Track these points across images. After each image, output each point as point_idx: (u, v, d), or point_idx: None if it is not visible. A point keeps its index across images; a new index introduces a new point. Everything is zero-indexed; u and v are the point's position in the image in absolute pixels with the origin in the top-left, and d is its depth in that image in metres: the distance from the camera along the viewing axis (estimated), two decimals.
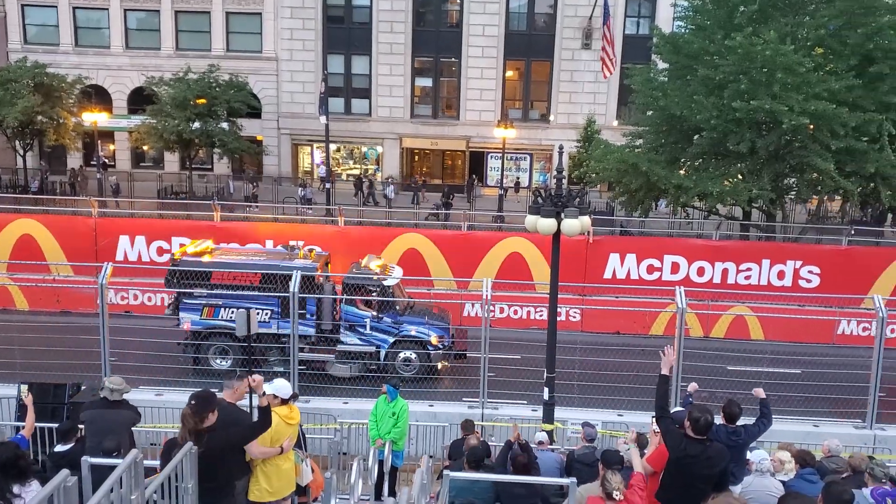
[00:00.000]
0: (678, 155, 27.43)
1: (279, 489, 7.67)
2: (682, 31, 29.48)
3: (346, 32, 42.74)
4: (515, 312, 22.18)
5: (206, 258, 18.72)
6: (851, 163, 23.92)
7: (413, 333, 18.70)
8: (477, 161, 44.48)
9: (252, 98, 41.44)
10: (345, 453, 13.09)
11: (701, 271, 23.42)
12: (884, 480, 7.95)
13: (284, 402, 7.83)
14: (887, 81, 23.43)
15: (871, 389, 15.20)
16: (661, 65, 30.11)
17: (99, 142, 39.62)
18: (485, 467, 8.91)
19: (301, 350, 17.17)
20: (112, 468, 5.16)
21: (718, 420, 8.61)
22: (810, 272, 23.07)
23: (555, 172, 13.44)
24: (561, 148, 14.94)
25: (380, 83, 43.55)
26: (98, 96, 42.85)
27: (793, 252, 23.51)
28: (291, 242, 20.34)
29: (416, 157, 46.28)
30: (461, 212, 27.99)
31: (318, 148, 44.02)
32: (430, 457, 13.01)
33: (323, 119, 36.46)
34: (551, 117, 43.38)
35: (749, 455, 8.92)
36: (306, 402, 15.38)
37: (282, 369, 16.60)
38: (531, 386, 17.34)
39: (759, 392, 9.11)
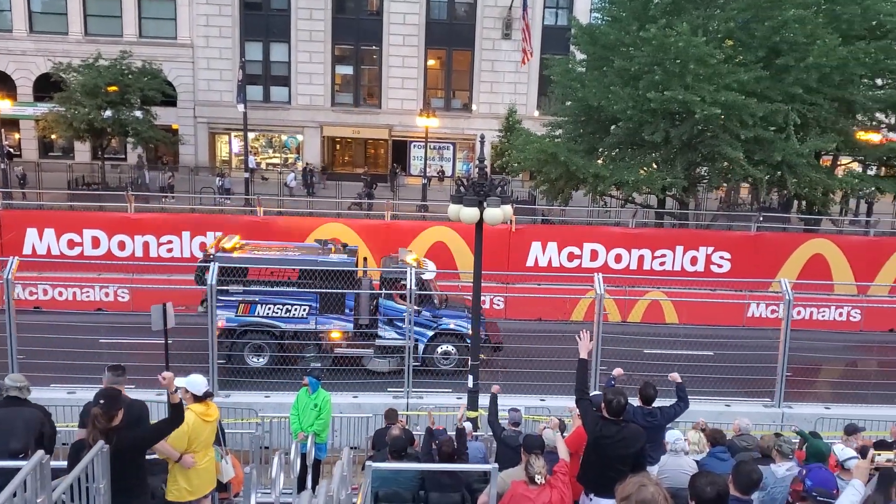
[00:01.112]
0: (596, 145, 27.97)
1: (199, 487, 7.51)
2: (599, 22, 30.02)
3: (264, 19, 41.88)
4: None
5: (236, 254, 18.16)
6: (760, 151, 24.83)
7: (452, 327, 18.77)
8: (400, 150, 44.35)
9: (167, 86, 40.21)
10: (267, 447, 12.92)
11: (618, 258, 23.96)
12: (790, 456, 8.30)
13: (198, 399, 7.64)
14: (792, 73, 24.36)
15: (779, 369, 15.88)
16: (580, 55, 30.60)
17: (2, 130, 37.77)
18: (409, 456, 8.92)
19: (338, 346, 17.68)
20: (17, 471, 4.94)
21: (637, 402, 8.86)
22: (721, 258, 23.87)
23: (477, 162, 13.50)
24: (482, 137, 15.02)
25: (299, 71, 42.89)
26: (1, 82, 40.86)
27: (705, 238, 24.28)
28: (315, 239, 20.06)
29: (338, 146, 45.83)
30: (384, 201, 27.86)
31: (236, 136, 43.08)
32: (354, 448, 12.97)
33: (241, 107, 35.66)
34: (473, 107, 43.57)
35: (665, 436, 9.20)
36: (226, 396, 15.12)
37: (318, 365, 16.77)
38: (457, 374, 17.50)
39: (675, 377, 9.40)
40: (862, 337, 22.17)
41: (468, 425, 10.34)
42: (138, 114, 36.58)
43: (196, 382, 7.70)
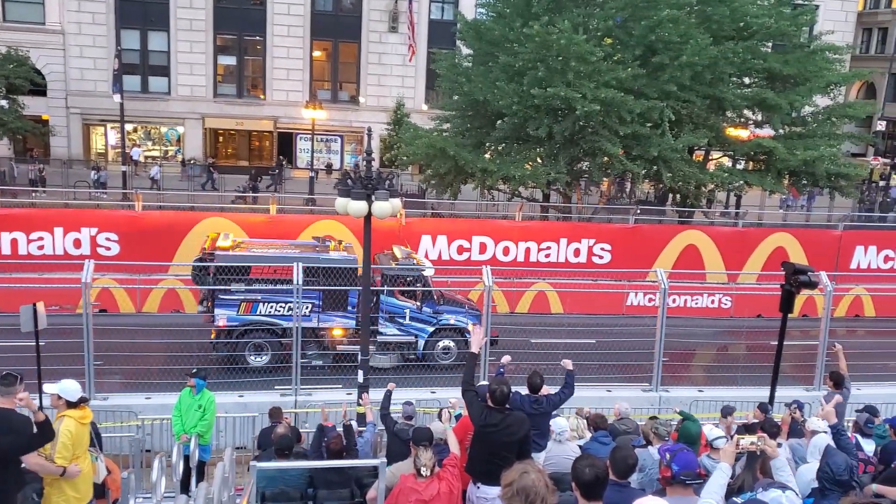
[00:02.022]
0: (483, 139, 28.38)
1: (86, 493, 7.28)
2: (485, 17, 30.43)
3: (140, 7, 40.09)
4: None
5: (236, 252, 17.71)
6: (637, 147, 25.83)
7: (452, 322, 18.90)
8: (286, 142, 43.54)
9: (35, 74, 37.94)
10: (148, 450, 12.45)
11: (506, 251, 24.38)
12: (666, 438, 8.72)
13: (73, 404, 7.30)
14: (667, 71, 25.45)
15: (656, 355, 16.56)
16: (466, 50, 30.92)
17: None
18: (296, 454, 8.80)
19: (340, 343, 17.89)
20: None
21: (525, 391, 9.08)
22: (602, 249, 24.65)
23: (365, 155, 13.43)
24: (369, 130, 15.00)
25: (180, 61, 41.38)
26: None
27: (587, 231, 25.03)
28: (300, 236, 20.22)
29: (221, 138, 44.51)
30: (270, 195, 27.29)
31: (112, 128, 41.11)
32: (240, 448, 12.70)
33: (117, 98, 34.13)
34: (361, 99, 43.29)
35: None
36: (104, 399, 14.48)
37: (320, 363, 17.26)
38: (346, 370, 17.37)
39: (567, 363, 9.69)
40: (732, 322, 23.43)
41: (353, 424, 10.30)
42: (3, 103, 34.35)
43: (69, 389, 7.35)
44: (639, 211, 27.00)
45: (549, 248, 24.51)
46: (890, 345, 20.19)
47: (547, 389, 9.35)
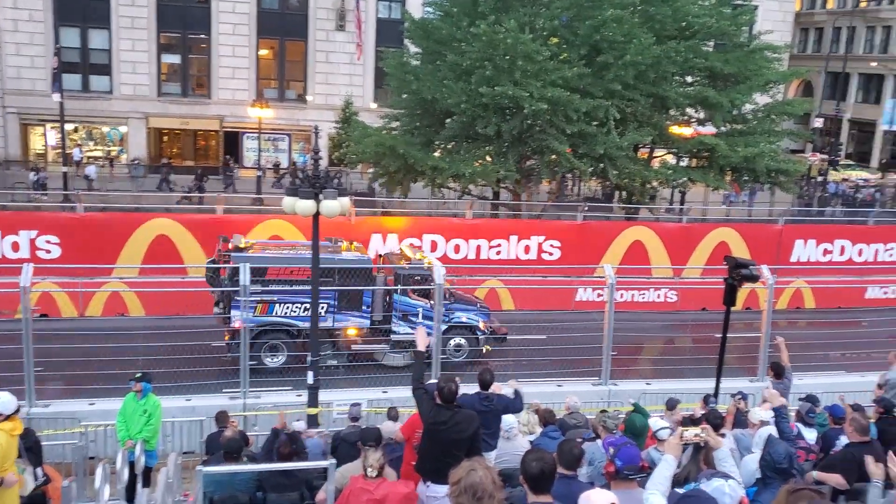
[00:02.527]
0: (432, 137, 28.39)
1: None
2: (432, 16, 30.43)
3: (80, 4, 39.11)
4: None
5: (251, 252, 17.76)
6: (584, 145, 26.13)
7: (464, 320, 19.32)
8: (232, 142, 42.92)
9: None
10: (92, 458, 12.16)
11: (457, 248, 24.42)
12: (614, 431, 8.84)
13: (6, 416, 7.09)
14: (612, 70, 25.78)
15: (605, 349, 16.75)
16: (414, 49, 30.89)
17: None
18: (246, 458, 8.69)
19: (355, 342, 18.01)
20: None
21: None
22: (552, 246, 24.88)
23: (312, 154, 13.31)
24: (317, 129, 14.88)
25: (122, 59, 40.47)
26: None
27: (536, 228, 25.23)
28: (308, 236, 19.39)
29: (166, 138, 43.64)
30: (216, 194, 26.88)
31: (52, 128, 39.99)
32: (189, 453, 12.49)
33: (56, 97, 33.22)
34: (308, 98, 42.92)
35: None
36: (46, 406, 14.09)
37: (335, 363, 17.40)
38: (298, 371, 17.24)
39: (513, 384, 9.68)
40: (678, 316, 23.87)
41: (301, 424, 10.21)
42: None
43: (4, 402, 7.14)
44: (587, 208, 27.32)
45: (499, 245, 24.64)
46: (829, 335, 20.78)
47: (498, 387, 9.39)
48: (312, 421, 12.94)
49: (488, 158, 27.17)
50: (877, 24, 59.33)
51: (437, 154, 27.80)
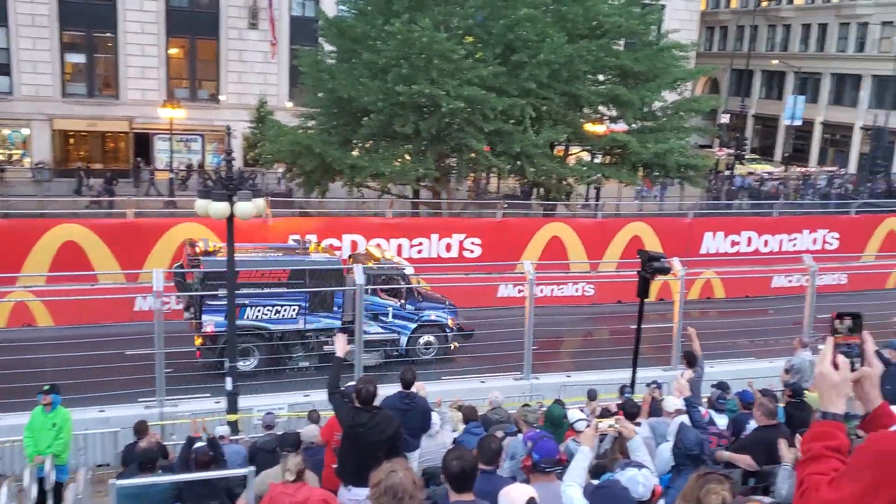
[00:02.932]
0: (350, 136, 28.22)
1: None
2: (346, 15, 30.24)
3: None
4: None
5: (220, 256, 17.19)
6: (501, 143, 26.41)
7: (433, 318, 19.66)
8: (143, 143, 41.59)
9: None
10: (1, 475, 11.62)
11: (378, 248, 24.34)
12: (535, 424, 8.98)
13: None
14: (526, 69, 26.13)
15: (526, 344, 17.00)
16: (329, 47, 30.63)
17: None
18: (163, 469, 8.45)
19: (325, 343, 17.72)
20: None
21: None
22: (473, 243, 25.09)
23: (225, 154, 13.04)
24: (229, 129, 14.60)
25: (22, 58, 38.71)
26: None
27: (457, 226, 25.39)
28: (293, 237, 20.52)
29: (72, 140, 41.97)
30: (126, 198, 26.04)
31: None
32: (104, 466, 12.09)
33: None
34: (222, 97, 42.00)
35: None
36: None
37: (307, 364, 17.66)
38: (214, 378, 16.86)
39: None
40: (595, 309, 24.40)
41: (225, 429, 10.00)
42: None
43: None
44: (506, 205, 27.62)
45: (420, 243, 24.68)
46: (739, 324, 21.60)
47: (420, 386, 9.41)
48: (233, 427, 12.70)
49: (407, 157, 27.17)
50: (777, 22, 62.02)
51: (355, 153, 27.65)
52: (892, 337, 11.92)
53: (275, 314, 17.77)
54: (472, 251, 25.10)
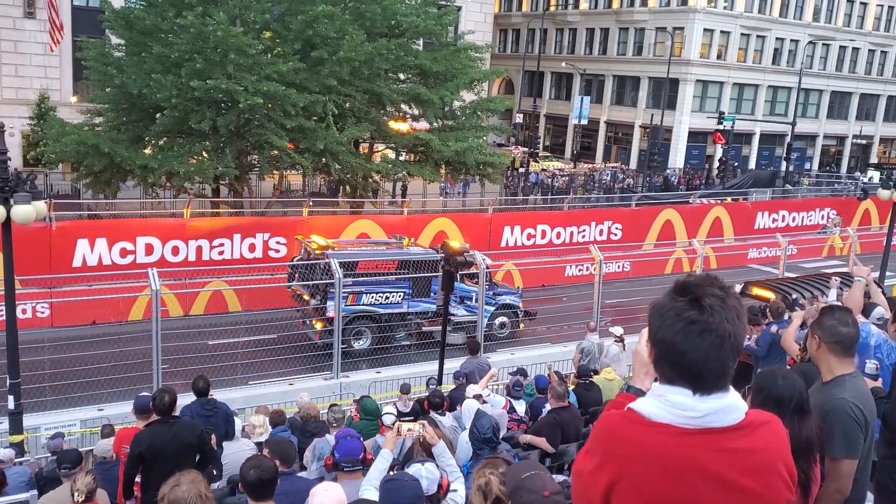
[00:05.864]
0: (142, 133, 26.77)
1: None
2: (135, 6, 28.62)
3: None
4: None
5: (336, 250, 19.69)
6: (304, 140, 26.15)
7: (508, 302, 21.89)
8: None
9: None
10: None
11: (175, 250, 23.29)
12: (334, 424, 9.09)
13: None
14: (327, 66, 26.02)
15: (336, 343, 17.04)
16: (116, 39, 28.84)
17: None
18: None
19: (423, 324, 20.66)
20: None
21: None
22: (278, 243, 24.63)
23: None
24: (2, 126, 13.38)
25: None
26: None
27: (261, 225, 24.84)
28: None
29: None
30: None
31: None
32: None
33: None
34: None
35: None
36: None
37: (407, 343, 20.09)
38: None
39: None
40: None
41: (7, 453, 9.23)
42: None
43: None
44: (312, 203, 27.38)
45: (222, 244, 23.92)
46: (537, 311, 22.90)
47: (212, 393, 9.20)
48: (18, 449, 11.72)
49: (205, 154, 26.18)
50: (564, 26, 66.07)
51: (147, 151, 26.26)
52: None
53: (384, 300, 20.09)
54: (277, 251, 24.67)
